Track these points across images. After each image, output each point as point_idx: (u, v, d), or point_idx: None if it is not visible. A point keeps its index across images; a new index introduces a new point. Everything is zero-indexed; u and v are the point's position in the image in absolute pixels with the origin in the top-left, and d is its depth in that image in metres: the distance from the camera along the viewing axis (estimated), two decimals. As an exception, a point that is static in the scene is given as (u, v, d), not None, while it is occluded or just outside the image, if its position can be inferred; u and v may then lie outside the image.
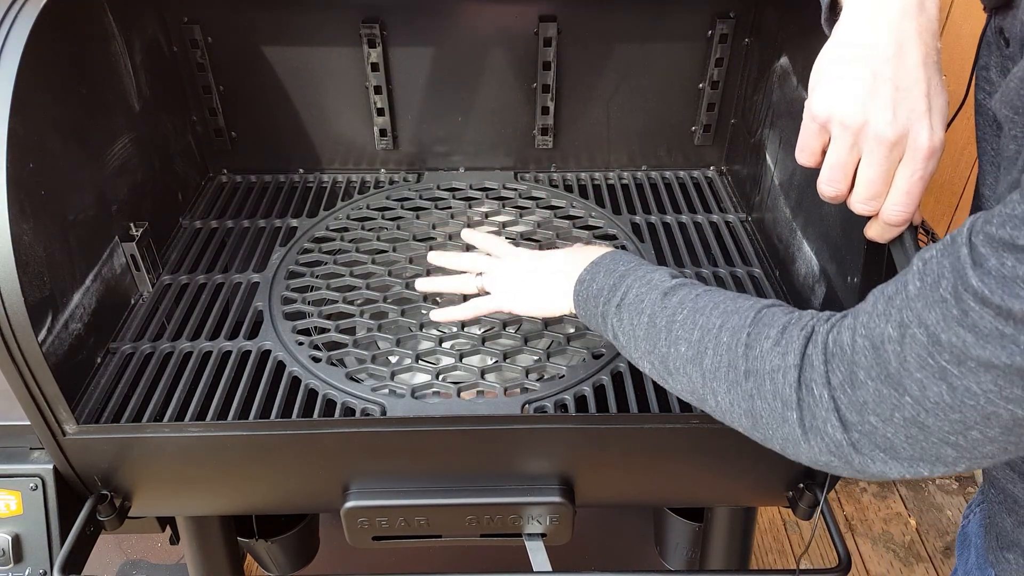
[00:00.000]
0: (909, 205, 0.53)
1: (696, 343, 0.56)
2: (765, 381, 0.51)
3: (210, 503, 0.84)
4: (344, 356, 0.82)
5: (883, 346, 0.44)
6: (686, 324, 0.58)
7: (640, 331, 0.61)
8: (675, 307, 0.60)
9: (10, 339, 0.65)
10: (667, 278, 0.64)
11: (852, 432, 0.47)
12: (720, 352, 0.55)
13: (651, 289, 0.63)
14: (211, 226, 1.04)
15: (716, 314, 0.57)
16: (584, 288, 0.69)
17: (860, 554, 1.73)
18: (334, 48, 1.03)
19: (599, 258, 0.70)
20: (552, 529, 0.77)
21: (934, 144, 0.51)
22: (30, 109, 0.68)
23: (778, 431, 0.51)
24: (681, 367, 0.58)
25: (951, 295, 0.40)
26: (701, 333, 0.56)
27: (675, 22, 1.03)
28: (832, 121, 0.53)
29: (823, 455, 0.49)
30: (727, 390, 0.54)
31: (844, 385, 0.47)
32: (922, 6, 0.52)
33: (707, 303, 0.58)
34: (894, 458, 0.46)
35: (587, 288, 0.69)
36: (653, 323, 0.60)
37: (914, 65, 0.51)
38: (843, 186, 0.55)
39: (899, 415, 0.44)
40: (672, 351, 0.58)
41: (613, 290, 0.65)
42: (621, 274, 0.66)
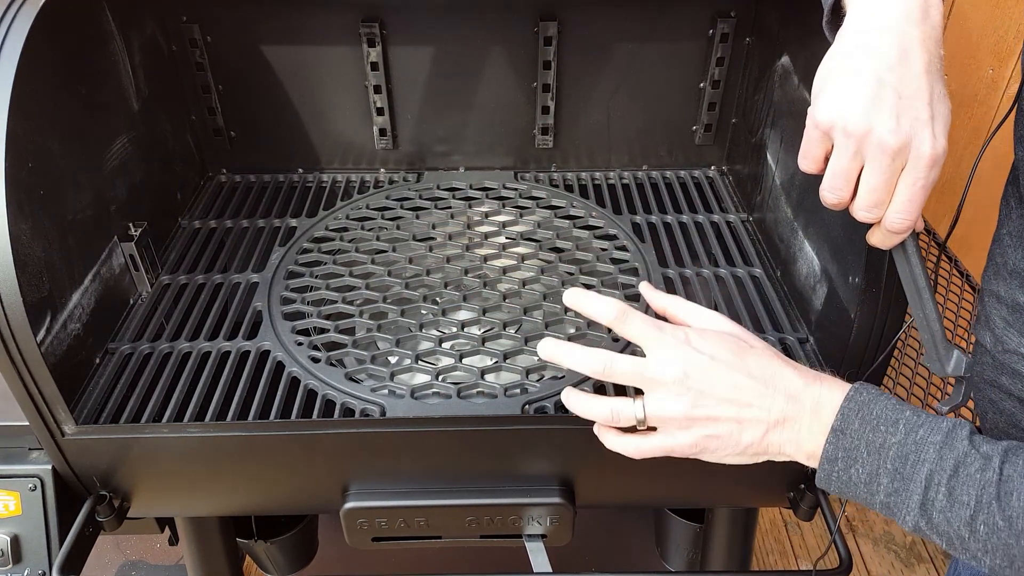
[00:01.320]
0: (911, 213, 0.53)
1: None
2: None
3: (209, 504, 0.84)
4: (343, 356, 0.82)
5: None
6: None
7: (976, 544, 0.50)
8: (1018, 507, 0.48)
9: (9, 339, 0.65)
10: (974, 457, 0.50)
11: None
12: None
13: (967, 484, 0.49)
14: (210, 226, 1.04)
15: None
16: (840, 470, 0.54)
17: (861, 555, 1.73)
18: (334, 47, 1.03)
19: (840, 422, 0.54)
20: (552, 530, 0.77)
21: (937, 152, 0.51)
22: (29, 109, 0.68)
23: None
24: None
25: None
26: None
27: (676, 21, 1.02)
28: (835, 129, 0.53)
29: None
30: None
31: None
32: (926, 13, 0.52)
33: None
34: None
35: (846, 471, 0.54)
36: (999, 538, 0.49)
37: (917, 73, 0.51)
38: (845, 194, 0.55)
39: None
40: None
41: (899, 479, 0.51)
42: (898, 454, 0.51)
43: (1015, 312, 0.59)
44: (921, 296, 0.58)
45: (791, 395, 0.55)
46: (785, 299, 0.90)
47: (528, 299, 0.89)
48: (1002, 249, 0.60)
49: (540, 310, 0.88)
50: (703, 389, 0.56)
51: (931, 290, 0.58)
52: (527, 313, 0.87)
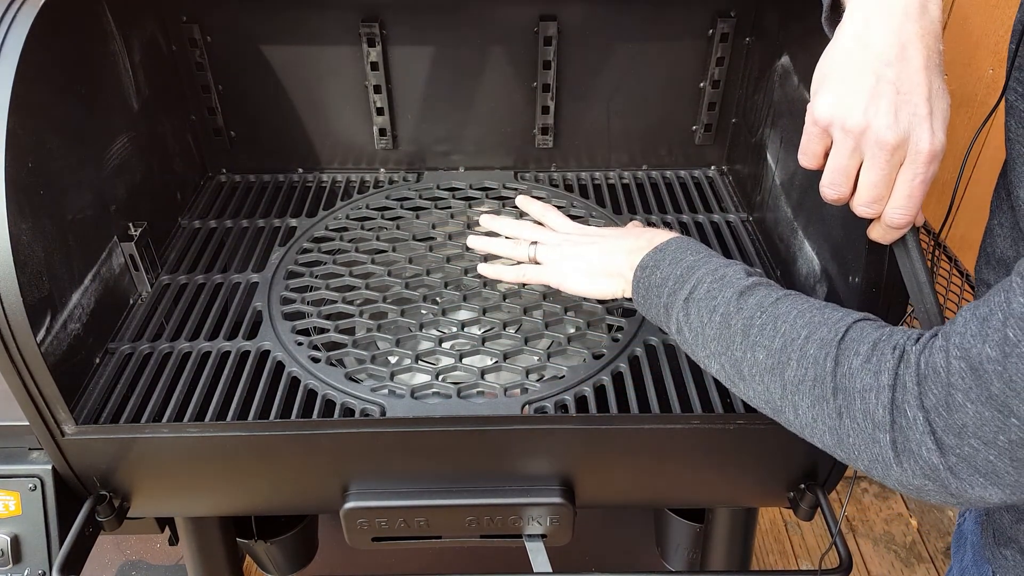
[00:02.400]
0: (911, 208, 0.53)
1: (778, 352, 0.54)
2: (855, 400, 0.49)
3: (209, 504, 0.84)
4: (343, 356, 0.82)
5: (982, 367, 0.43)
6: (765, 329, 0.55)
7: (711, 330, 0.59)
8: (753, 309, 0.57)
9: (9, 339, 0.65)
10: (742, 275, 0.60)
11: (949, 456, 0.45)
12: (805, 365, 0.52)
13: (725, 286, 0.60)
14: (210, 226, 1.04)
15: (801, 323, 0.54)
16: (647, 275, 0.66)
17: (861, 555, 1.73)
18: (333, 47, 1.03)
19: (664, 244, 0.67)
20: (552, 530, 0.77)
21: (935, 148, 0.51)
22: (29, 109, 0.68)
23: (866, 451, 0.49)
24: (757, 375, 0.55)
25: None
26: (784, 342, 0.54)
27: (676, 21, 1.02)
28: (834, 125, 0.53)
29: (916, 479, 0.48)
30: (811, 405, 0.52)
31: (939, 408, 0.45)
32: (924, 8, 0.52)
33: (789, 309, 0.55)
34: (995, 483, 0.45)
35: (650, 276, 0.66)
36: (727, 323, 0.57)
37: (916, 69, 0.51)
38: (845, 189, 0.55)
39: (1004, 437, 0.43)
40: (748, 356, 0.56)
41: (680, 281, 0.62)
42: (690, 265, 0.63)
43: None
44: (922, 290, 0.58)
45: (638, 232, 0.74)
46: (785, 299, 0.90)
47: (528, 299, 0.89)
48: (992, 239, 0.60)
49: (540, 310, 0.87)
50: (576, 233, 0.82)
51: (932, 284, 0.58)
52: (527, 313, 0.87)
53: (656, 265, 0.66)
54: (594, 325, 0.85)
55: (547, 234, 0.81)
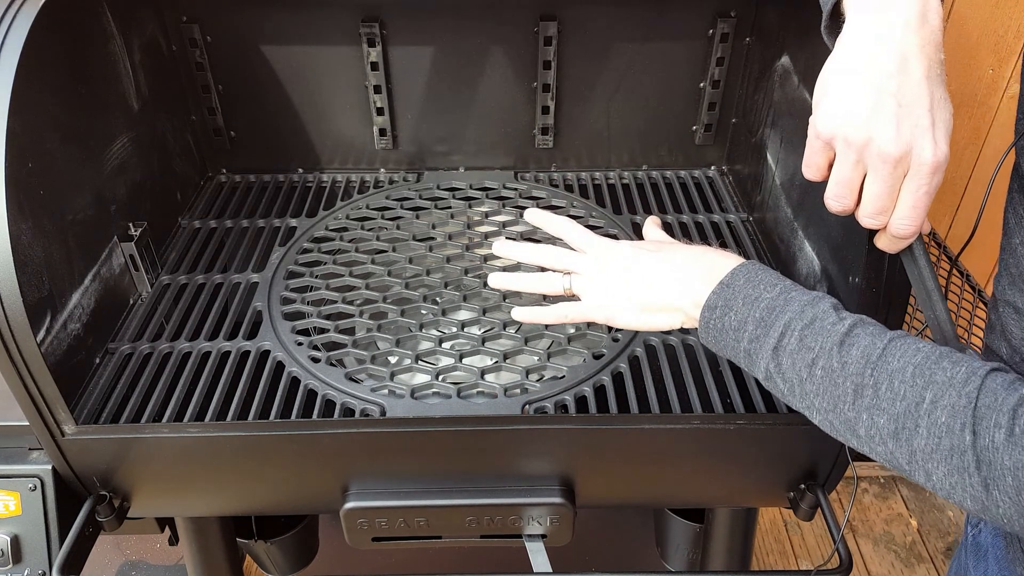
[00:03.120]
0: (916, 218, 0.53)
1: (901, 417, 0.50)
2: (1006, 476, 0.46)
3: (209, 504, 0.84)
4: (343, 356, 0.82)
5: None
6: (880, 390, 0.51)
7: (811, 386, 0.54)
8: (860, 365, 0.52)
9: (8, 339, 0.65)
10: (832, 315, 0.55)
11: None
12: (937, 434, 0.48)
13: (818, 332, 0.54)
14: (210, 226, 1.04)
15: (921, 383, 0.50)
16: (717, 317, 0.60)
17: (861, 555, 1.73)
18: (334, 47, 1.03)
19: (729, 277, 0.60)
20: (552, 530, 0.77)
21: (938, 159, 0.51)
22: (29, 109, 0.68)
23: (1019, 521, 0.47)
24: (878, 438, 0.52)
25: None
26: (906, 407, 0.50)
27: (676, 21, 1.02)
28: (836, 138, 0.53)
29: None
30: (948, 473, 0.48)
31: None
32: (925, 18, 0.52)
33: (902, 364, 0.51)
34: None
35: (721, 318, 0.59)
36: (832, 381, 0.53)
37: (917, 80, 0.51)
38: (849, 202, 0.55)
39: None
40: (864, 418, 0.52)
41: (763, 326, 0.56)
42: (768, 305, 0.57)
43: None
44: (931, 297, 0.58)
45: (690, 257, 0.65)
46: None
47: (528, 299, 0.89)
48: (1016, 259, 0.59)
49: (540, 310, 0.87)
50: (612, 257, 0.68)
51: (940, 291, 0.58)
52: (527, 313, 0.87)
53: (727, 306, 0.59)
54: (594, 325, 0.85)
55: (580, 261, 0.70)
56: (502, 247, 0.75)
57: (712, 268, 0.62)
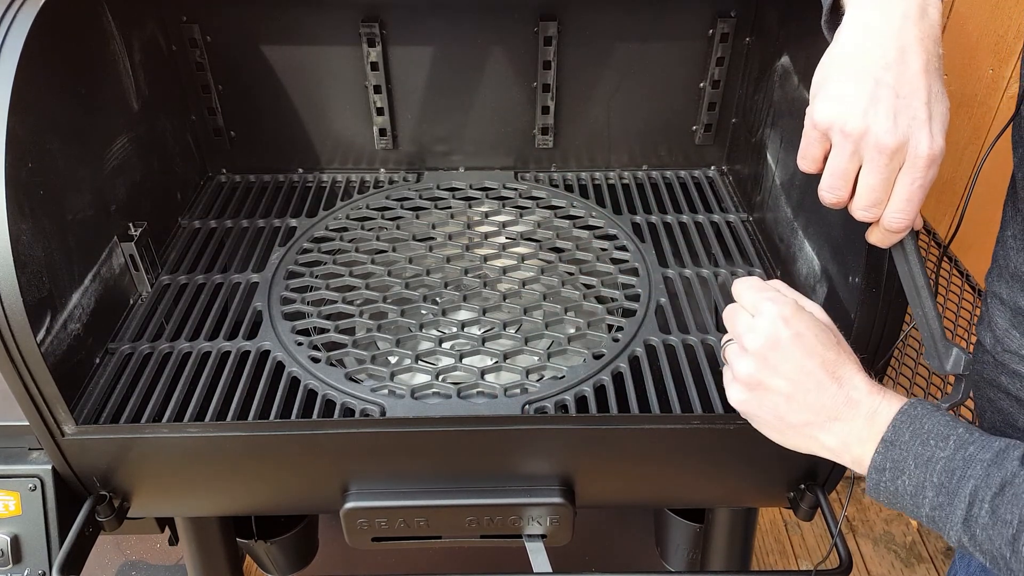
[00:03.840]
0: (910, 212, 0.53)
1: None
2: None
3: (209, 504, 0.84)
4: (344, 356, 0.82)
5: None
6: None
7: (1018, 564, 0.49)
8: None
9: (9, 339, 0.65)
10: (1021, 476, 0.49)
11: None
12: None
13: (1011, 502, 0.49)
14: (210, 226, 1.04)
15: None
16: (888, 480, 0.54)
17: (861, 555, 1.73)
18: (334, 47, 1.03)
19: (892, 434, 0.54)
20: (552, 530, 0.77)
21: (934, 152, 0.51)
22: (29, 109, 0.68)
23: None
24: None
25: None
26: None
27: (676, 21, 1.02)
28: (833, 129, 0.53)
29: None
30: None
31: None
32: (924, 11, 0.52)
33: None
34: None
35: (893, 481, 0.54)
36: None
37: (915, 72, 0.51)
38: (844, 193, 0.55)
39: None
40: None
41: (946, 494, 0.51)
42: (946, 468, 0.51)
43: (1017, 315, 0.59)
44: (920, 294, 0.58)
45: (852, 399, 0.56)
46: (785, 299, 0.90)
47: (528, 299, 0.89)
48: (1005, 252, 0.60)
49: (540, 310, 0.88)
50: (772, 362, 0.57)
51: (930, 288, 0.58)
52: (527, 313, 0.87)
53: (898, 468, 0.53)
54: (594, 325, 0.85)
55: (748, 335, 0.59)
56: None
57: (873, 414, 0.55)
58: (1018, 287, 0.59)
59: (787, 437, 0.59)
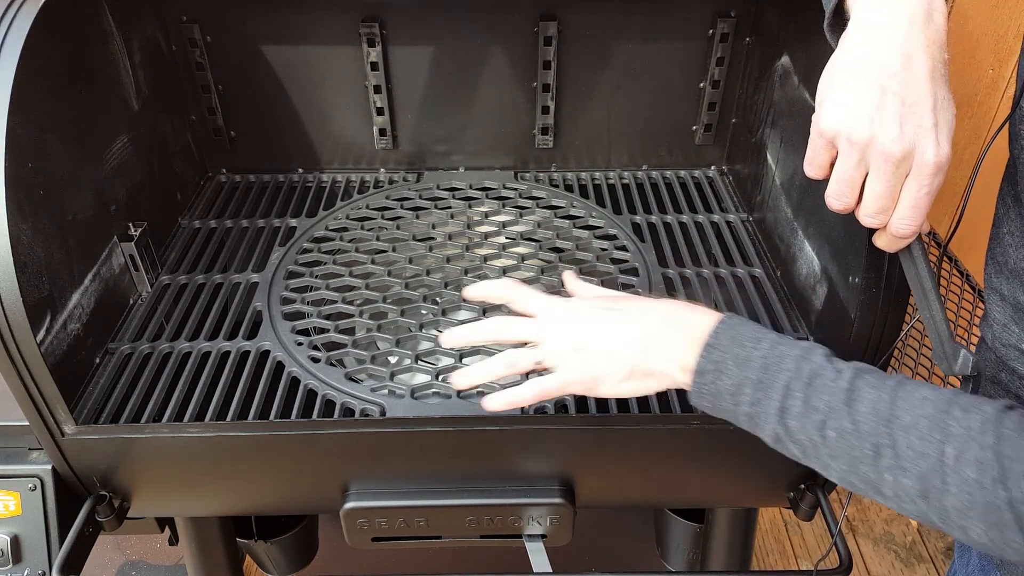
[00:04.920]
0: (916, 219, 0.53)
1: (926, 477, 0.48)
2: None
3: (209, 504, 0.84)
4: (343, 356, 0.82)
5: None
6: (899, 450, 0.49)
7: (827, 450, 0.53)
8: (872, 423, 0.51)
9: (8, 339, 0.65)
10: (830, 369, 0.54)
11: None
12: (968, 490, 0.47)
13: (821, 391, 0.53)
14: (210, 226, 1.04)
15: (937, 436, 0.48)
16: (709, 382, 0.57)
17: (861, 555, 1.73)
18: (333, 47, 1.03)
19: (712, 339, 0.57)
20: (552, 530, 0.77)
21: (940, 159, 0.51)
22: (29, 109, 0.68)
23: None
24: (905, 497, 0.50)
25: None
26: (930, 465, 0.48)
27: (676, 21, 1.02)
28: (839, 137, 0.53)
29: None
30: (987, 529, 0.47)
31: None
32: (930, 17, 0.52)
33: (915, 418, 0.50)
34: None
35: (714, 382, 0.56)
36: (846, 442, 0.52)
37: (921, 79, 0.51)
38: (850, 200, 0.55)
39: None
40: (887, 479, 0.51)
41: (762, 388, 0.55)
42: (762, 365, 0.55)
43: (1017, 311, 0.59)
44: (927, 297, 0.58)
45: (663, 315, 0.60)
46: (785, 299, 0.90)
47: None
48: (1003, 248, 0.60)
49: (540, 310, 0.87)
50: (586, 318, 0.62)
51: (938, 291, 0.58)
52: (527, 313, 0.87)
53: (719, 369, 0.56)
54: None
55: (539, 332, 0.63)
56: (448, 338, 0.67)
57: (689, 327, 0.58)
58: (1017, 284, 0.59)
59: (635, 376, 0.60)
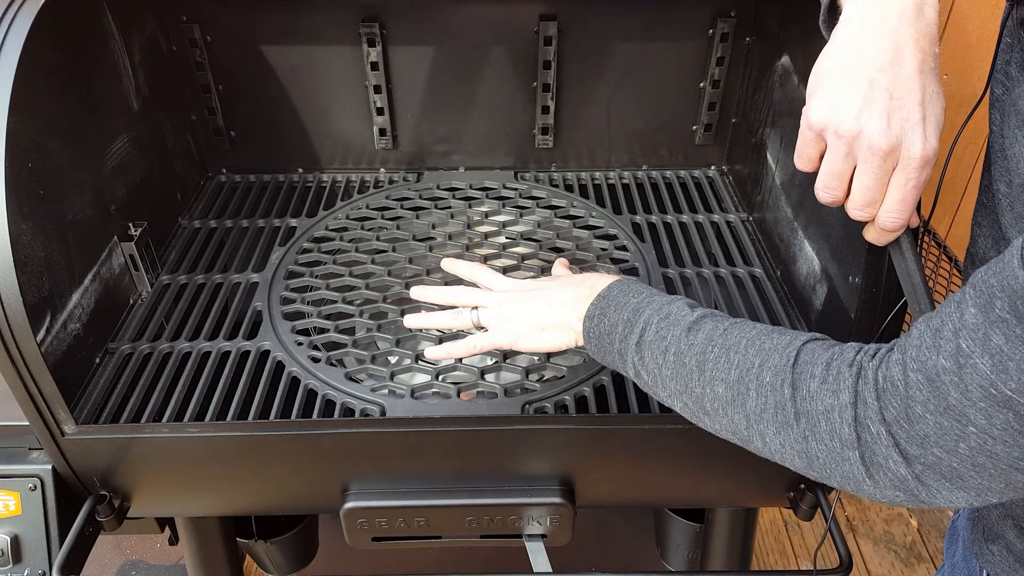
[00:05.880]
0: (903, 212, 0.54)
1: (735, 384, 0.54)
2: (820, 421, 0.50)
3: (209, 504, 0.84)
4: (343, 356, 0.82)
5: (939, 378, 0.44)
6: (719, 363, 0.56)
7: (667, 371, 0.59)
8: (703, 344, 0.57)
9: (9, 339, 0.65)
10: (686, 310, 0.61)
11: (915, 465, 0.46)
12: (764, 393, 0.53)
13: (672, 324, 0.60)
14: (210, 226, 1.04)
15: (752, 352, 0.55)
16: (595, 325, 0.65)
17: (861, 555, 1.73)
18: (334, 47, 1.03)
19: (605, 290, 0.66)
20: (552, 530, 0.77)
21: (927, 153, 0.51)
22: (29, 109, 0.68)
23: (837, 470, 0.50)
24: (720, 408, 0.56)
25: (1010, 314, 0.40)
26: (739, 373, 0.54)
27: (676, 21, 1.02)
28: (827, 130, 0.53)
29: (888, 490, 0.49)
30: (776, 432, 0.52)
31: (900, 421, 0.46)
32: (920, 11, 0.52)
33: (738, 339, 0.56)
34: (961, 487, 0.46)
35: (598, 325, 0.65)
36: (681, 362, 0.58)
37: (910, 73, 0.51)
38: (839, 193, 0.55)
39: (964, 445, 0.44)
40: (708, 392, 0.56)
41: (629, 326, 0.62)
42: (634, 308, 0.63)
43: None
44: (916, 291, 0.58)
45: (578, 283, 0.71)
46: (785, 299, 0.90)
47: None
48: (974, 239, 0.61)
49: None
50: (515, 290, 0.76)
51: (926, 285, 0.58)
52: (527, 313, 0.87)
53: (603, 313, 0.65)
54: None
55: (485, 296, 0.76)
56: (417, 291, 0.81)
57: (594, 288, 0.68)
58: None
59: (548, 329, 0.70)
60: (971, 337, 0.42)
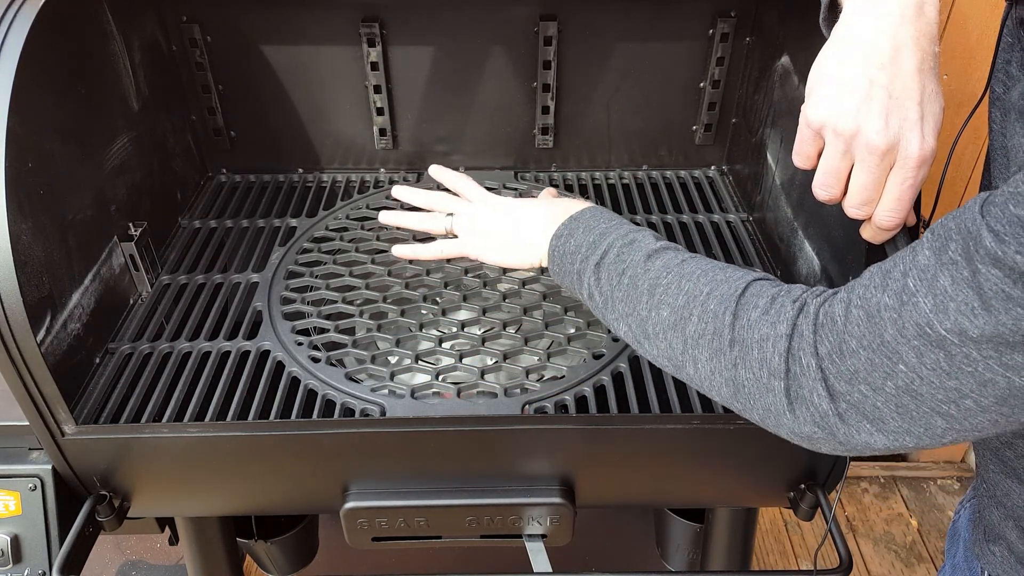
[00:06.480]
0: (900, 211, 0.54)
1: (681, 308, 0.56)
2: (752, 349, 0.51)
3: (209, 504, 0.84)
4: (343, 356, 0.82)
5: (879, 314, 0.44)
6: (671, 288, 0.57)
7: (619, 292, 0.60)
8: (659, 270, 0.58)
9: (9, 339, 0.65)
10: (651, 240, 0.62)
11: (839, 402, 0.47)
12: (706, 319, 0.54)
13: (634, 250, 0.61)
14: (210, 226, 1.04)
15: (704, 281, 0.56)
16: (561, 244, 0.67)
17: (861, 555, 1.73)
18: (333, 47, 1.03)
19: (578, 213, 0.68)
20: (552, 530, 0.77)
21: (924, 152, 0.51)
22: (29, 108, 0.68)
23: (761, 400, 0.51)
24: (661, 332, 0.57)
25: (961, 256, 0.41)
26: (687, 299, 0.56)
27: (676, 21, 1.02)
28: (825, 128, 0.54)
29: (807, 426, 0.49)
30: (709, 358, 0.53)
31: (832, 355, 0.47)
32: (921, 10, 0.52)
33: (694, 269, 0.57)
34: (880, 429, 0.46)
35: (564, 244, 0.67)
36: (634, 285, 0.59)
37: (909, 72, 0.51)
38: (836, 191, 0.56)
39: (891, 384, 0.44)
40: (653, 315, 0.57)
41: (592, 247, 0.63)
42: (602, 231, 0.64)
43: None
44: None
45: (552, 203, 0.73)
46: (785, 299, 0.90)
47: (528, 299, 0.89)
48: None
49: (540, 310, 0.88)
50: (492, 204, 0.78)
51: None
52: (527, 313, 0.87)
53: (570, 233, 0.66)
54: (594, 325, 0.85)
55: (462, 205, 0.79)
56: (399, 190, 0.85)
57: (568, 210, 0.69)
58: None
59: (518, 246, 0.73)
60: (920, 277, 0.43)
